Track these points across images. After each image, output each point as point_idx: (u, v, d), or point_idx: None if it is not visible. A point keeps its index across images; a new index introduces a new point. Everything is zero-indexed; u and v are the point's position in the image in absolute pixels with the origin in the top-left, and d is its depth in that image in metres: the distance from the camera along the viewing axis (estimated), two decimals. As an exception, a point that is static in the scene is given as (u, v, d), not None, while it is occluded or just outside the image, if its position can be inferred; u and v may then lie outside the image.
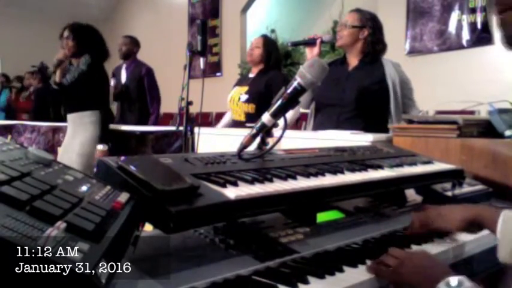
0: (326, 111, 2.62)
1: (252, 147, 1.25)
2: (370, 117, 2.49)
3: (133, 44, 4.67)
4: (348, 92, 2.52)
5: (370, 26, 2.58)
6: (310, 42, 2.66)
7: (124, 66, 4.63)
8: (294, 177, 1.10)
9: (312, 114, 2.74)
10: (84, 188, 0.79)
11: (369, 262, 0.95)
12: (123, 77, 4.59)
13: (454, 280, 0.82)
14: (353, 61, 2.63)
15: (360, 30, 2.57)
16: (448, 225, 1.10)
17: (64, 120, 3.76)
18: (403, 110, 2.50)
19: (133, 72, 4.56)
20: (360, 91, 2.49)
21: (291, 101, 1.22)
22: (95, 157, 3.47)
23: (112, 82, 4.43)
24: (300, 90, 1.22)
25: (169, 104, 4.74)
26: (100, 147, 3.28)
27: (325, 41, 2.71)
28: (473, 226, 1.11)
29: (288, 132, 1.26)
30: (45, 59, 5.96)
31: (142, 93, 4.54)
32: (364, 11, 2.66)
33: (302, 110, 3.68)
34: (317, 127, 2.65)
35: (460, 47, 5.34)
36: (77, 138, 3.48)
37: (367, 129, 2.37)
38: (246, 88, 3.33)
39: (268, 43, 3.47)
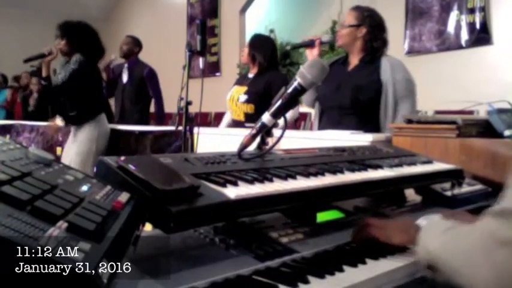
0: (327, 113, 2.58)
1: (252, 147, 1.25)
2: (367, 120, 2.41)
3: (134, 44, 4.65)
4: (345, 93, 2.45)
5: (368, 23, 2.49)
6: (309, 44, 2.63)
7: (126, 66, 4.61)
8: (294, 177, 1.10)
9: (317, 115, 2.69)
10: (84, 187, 0.79)
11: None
12: (125, 77, 4.57)
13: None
14: (354, 61, 2.56)
15: (357, 28, 2.50)
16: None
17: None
18: (394, 110, 2.39)
19: (135, 73, 4.54)
20: (356, 92, 2.42)
21: (291, 101, 1.23)
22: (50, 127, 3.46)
23: (104, 76, 4.41)
24: (300, 91, 1.22)
25: (168, 104, 4.74)
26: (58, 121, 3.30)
27: (324, 41, 2.68)
28: None
29: (288, 132, 1.26)
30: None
31: (143, 94, 4.53)
32: (362, 8, 2.58)
33: (302, 110, 3.65)
34: (320, 129, 2.59)
35: (459, 47, 5.35)
36: (77, 138, 3.51)
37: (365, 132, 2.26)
38: (245, 88, 3.32)
39: (253, 44, 3.40)
